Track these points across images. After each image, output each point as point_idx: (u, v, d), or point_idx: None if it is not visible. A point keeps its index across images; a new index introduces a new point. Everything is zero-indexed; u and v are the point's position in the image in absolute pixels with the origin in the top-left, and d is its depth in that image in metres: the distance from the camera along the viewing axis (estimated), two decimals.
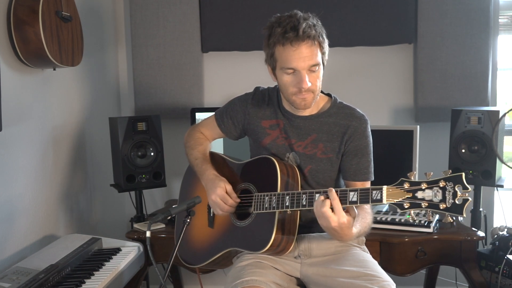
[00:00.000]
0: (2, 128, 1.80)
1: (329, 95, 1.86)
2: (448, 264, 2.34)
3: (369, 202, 1.46)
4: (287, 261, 1.78)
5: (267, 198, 1.69)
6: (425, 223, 2.21)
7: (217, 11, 2.89)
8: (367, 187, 1.48)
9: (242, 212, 1.80)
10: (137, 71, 2.95)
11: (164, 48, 2.92)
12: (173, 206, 1.64)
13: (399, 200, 1.42)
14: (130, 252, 2.11)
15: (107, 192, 2.77)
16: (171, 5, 2.89)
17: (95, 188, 2.76)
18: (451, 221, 2.33)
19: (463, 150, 2.43)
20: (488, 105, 2.75)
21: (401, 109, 2.95)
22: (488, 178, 2.37)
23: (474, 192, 2.49)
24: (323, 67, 1.70)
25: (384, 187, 1.44)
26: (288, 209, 1.64)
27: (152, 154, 2.51)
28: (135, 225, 2.49)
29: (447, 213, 1.36)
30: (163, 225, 2.43)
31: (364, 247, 1.88)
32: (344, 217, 1.49)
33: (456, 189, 1.35)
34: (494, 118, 2.32)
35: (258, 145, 1.88)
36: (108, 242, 2.20)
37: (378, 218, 2.28)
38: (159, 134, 2.54)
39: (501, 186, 2.42)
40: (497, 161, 2.35)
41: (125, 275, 2.00)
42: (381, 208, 2.43)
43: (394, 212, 2.34)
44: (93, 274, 1.85)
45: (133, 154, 2.46)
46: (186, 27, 2.90)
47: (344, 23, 2.80)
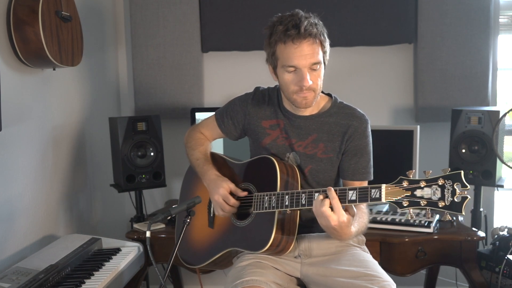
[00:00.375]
0: (2, 128, 1.80)
1: (330, 95, 1.86)
2: (448, 264, 2.34)
3: (368, 201, 1.46)
4: (287, 261, 1.78)
5: (267, 198, 1.69)
6: (425, 223, 2.21)
7: (217, 11, 2.89)
8: (366, 186, 1.49)
9: (242, 212, 1.80)
10: (137, 71, 2.95)
11: (164, 48, 2.92)
12: (173, 206, 1.64)
13: (398, 199, 1.42)
14: (130, 252, 2.11)
15: (107, 192, 2.77)
16: (171, 5, 2.89)
17: (95, 188, 2.76)
18: (451, 219, 2.33)
19: (463, 150, 2.43)
20: (488, 105, 2.75)
21: (401, 109, 2.95)
22: (488, 178, 2.37)
23: (475, 192, 2.49)
24: (324, 66, 1.70)
25: (383, 186, 1.44)
26: (288, 209, 1.64)
27: (152, 154, 2.51)
28: (135, 225, 2.49)
29: (446, 211, 1.36)
30: (163, 225, 2.43)
31: (364, 247, 1.88)
32: (344, 216, 1.49)
33: (455, 187, 1.34)
34: (494, 118, 2.32)
35: (258, 145, 1.88)
36: (108, 242, 2.20)
37: (378, 218, 2.28)
38: (159, 134, 2.54)
39: (501, 186, 2.42)
40: (497, 161, 2.35)
41: (125, 275, 2.00)
42: (381, 208, 2.43)
43: (394, 212, 2.34)
44: (93, 274, 1.85)
45: (133, 154, 2.46)
46: (186, 27, 2.90)
47: (344, 23, 2.81)
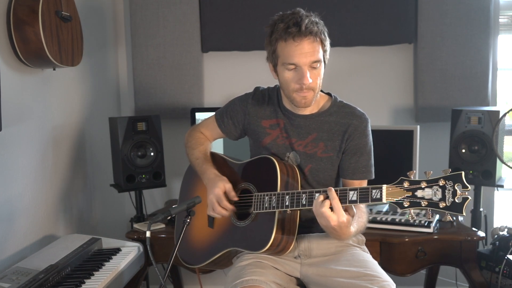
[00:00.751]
0: (2, 128, 1.80)
1: (329, 94, 1.86)
2: (448, 264, 2.34)
3: (369, 201, 1.46)
4: (287, 261, 1.78)
5: (267, 198, 1.69)
6: (425, 223, 2.21)
7: (217, 11, 2.89)
8: (367, 186, 1.49)
9: (242, 212, 1.80)
10: (137, 71, 2.95)
11: (164, 48, 2.92)
12: (173, 206, 1.64)
13: (399, 199, 1.42)
14: (130, 252, 2.11)
15: (107, 192, 2.77)
16: (171, 5, 2.89)
17: (95, 188, 2.76)
18: (451, 220, 2.33)
19: (463, 150, 2.43)
20: (488, 105, 2.75)
21: (401, 109, 2.95)
22: (488, 178, 2.37)
23: (474, 192, 2.49)
24: (324, 66, 1.71)
25: (384, 186, 1.44)
26: (288, 209, 1.64)
27: (152, 154, 2.51)
28: (135, 225, 2.49)
29: (447, 212, 1.36)
30: (163, 225, 2.43)
31: (364, 247, 1.88)
32: (344, 216, 1.49)
33: (456, 188, 1.35)
34: (494, 118, 2.32)
35: (258, 145, 1.88)
36: (108, 242, 2.20)
37: (378, 218, 2.28)
38: (159, 134, 2.54)
39: (501, 186, 2.42)
40: (497, 161, 2.35)
41: (125, 275, 2.00)
42: (381, 208, 2.43)
43: (394, 212, 2.34)
44: (93, 274, 1.85)
45: (133, 154, 2.46)
46: (186, 27, 2.90)
47: (344, 23, 2.81)
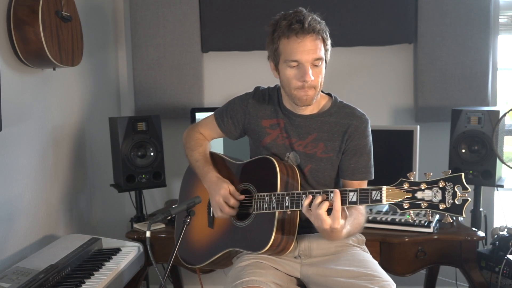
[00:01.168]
0: (2, 128, 1.80)
1: (329, 95, 1.86)
2: (448, 264, 2.34)
3: (369, 202, 1.47)
4: (287, 261, 1.78)
5: (267, 199, 1.69)
6: (425, 223, 2.21)
7: (217, 11, 2.89)
8: (367, 187, 1.49)
9: (242, 213, 1.80)
10: (137, 71, 2.95)
11: (164, 48, 2.92)
12: (173, 206, 1.64)
13: (399, 201, 1.42)
14: (130, 252, 2.11)
15: (107, 192, 2.77)
16: (171, 5, 2.89)
17: (95, 188, 2.76)
18: (451, 221, 2.33)
19: (463, 150, 2.43)
20: (488, 105, 2.75)
21: (401, 109, 2.95)
22: (488, 178, 2.37)
23: (474, 192, 2.49)
24: (325, 65, 1.71)
25: (384, 188, 1.44)
26: (288, 209, 1.64)
27: (152, 154, 2.51)
28: (135, 225, 2.49)
29: (447, 214, 1.37)
30: (163, 225, 2.43)
31: (364, 247, 1.88)
32: (338, 224, 1.49)
33: (456, 190, 1.35)
34: (494, 118, 2.32)
35: (258, 145, 1.88)
36: (108, 242, 2.20)
37: (378, 218, 2.28)
38: (159, 134, 2.54)
39: (501, 186, 2.42)
40: (497, 161, 2.35)
41: (125, 275, 2.00)
42: (381, 208, 2.43)
43: (394, 212, 2.34)
44: (93, 274, 1.85)
45: (133, 154, 2.46)
46: (186, 27, 2.90)
47: (344, 23, 2.80)
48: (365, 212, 1.77)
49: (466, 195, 1.34)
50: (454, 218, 2.37)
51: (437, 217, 2.30)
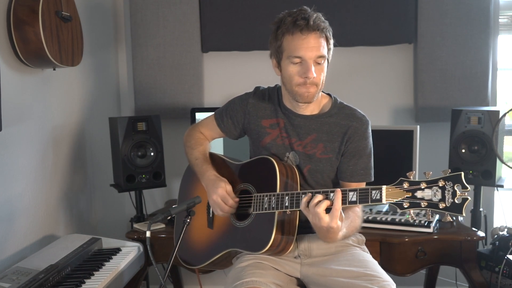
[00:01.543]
0: (2, 128, 1.80)
1: (329, 95, 1.86)
2: (448, 264, 2.34)
3: (369, 202, 1.47)
4: (287, 262, 1.78)
5: (267, 199, 1.69)
6: (425, 223, 2.21)
7: (217, 11, 2.89)
8: (367, 187, 1.49)
9: (242, 213, 1.80)
10: (137, 71, 2.95)
11: (164, 48, 2.92)
12: (173, 206, 1.64)
13: (399, 200, 1.42)
14: (130, 252, 2.11)
15: (107, 192, 2.77)
16: (171, 5, 2.89)
17: (95, 188, 2.76)
18: (451, 221, 2.32)
19: (463, 150, 2.42)
20: (488, 105, 2.75)
21: (401, 109, 2.95)
22: (488, 178, 2.37)
23: (474, 192, 2.49)
24: (327, 64, 1.71)
25: (384, 187, 1.44)
26: (288, 210, 1.64)
27: (152, 154, 2.51)
28: (135, 225, 2.49)
29: (447, 213, 1.37)
30: (163, 225, 2.43)
31: (364, 247, 1.88)
32: (336, 223, 1.50)
33: (456, 189, 1.35)
34: (494, 118, 2.32)
35: (258, 145, 1.88)
36: (108, 242, 2.20)
37: (378, 218, 2.28)
38: (159, 134, 2.54)
39: (501, 186, 2.42)
40: (497, 161, 2.35)
41: (125, 275, 2.00)
42: (381, 208, 2.43)
43: (394, 212, 2.34)
44: (93, 274, 1.85)
45: (133, 154, 2.46)
46: (186, 27, 2.90)
47: (344, 23, 2.80)
48: (361, 215, 1.78)
49: (466, 194, 1.34)
50: (454, 218, 2.37)
51: (437, 217, 2.29)
